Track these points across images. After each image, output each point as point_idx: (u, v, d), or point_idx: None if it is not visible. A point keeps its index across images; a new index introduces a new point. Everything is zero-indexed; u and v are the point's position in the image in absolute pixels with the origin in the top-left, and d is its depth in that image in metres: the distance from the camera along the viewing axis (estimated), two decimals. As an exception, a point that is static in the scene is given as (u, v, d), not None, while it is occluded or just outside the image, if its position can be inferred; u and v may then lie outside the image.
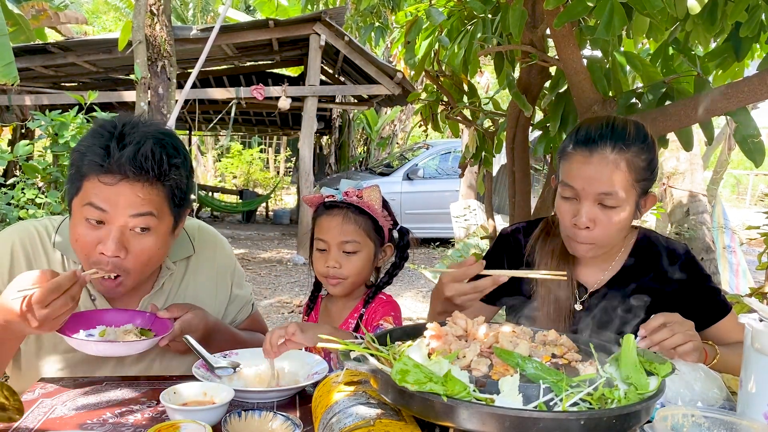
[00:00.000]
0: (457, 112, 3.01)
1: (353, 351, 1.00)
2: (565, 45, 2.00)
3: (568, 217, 1.46)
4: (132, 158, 1.28)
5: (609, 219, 1.42)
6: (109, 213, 1.30)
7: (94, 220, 1.31)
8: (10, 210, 4.22)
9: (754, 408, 1.05)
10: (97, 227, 1.31)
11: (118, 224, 1.31)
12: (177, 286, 1.59)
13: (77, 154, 1.33)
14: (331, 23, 8.62)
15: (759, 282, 5.01)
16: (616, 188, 1.39)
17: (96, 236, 1.31)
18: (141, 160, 1.29)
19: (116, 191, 1.29)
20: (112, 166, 1.28)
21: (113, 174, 1.29)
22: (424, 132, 14.36)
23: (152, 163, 1.30)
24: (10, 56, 5.88)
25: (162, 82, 6.26)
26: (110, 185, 1.29)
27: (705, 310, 1.54)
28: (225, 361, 1.41)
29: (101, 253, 1.31)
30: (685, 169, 6.37)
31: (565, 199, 1.47)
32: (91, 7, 21.29)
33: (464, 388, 0.86)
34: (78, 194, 1.33)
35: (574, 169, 1.44)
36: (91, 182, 1.30)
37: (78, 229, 1.33)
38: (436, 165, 11.08)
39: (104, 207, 1.30)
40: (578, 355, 1.03)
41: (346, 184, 1.67)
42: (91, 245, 1.32)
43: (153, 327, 1.41)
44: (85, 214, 1.31)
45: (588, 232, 1.43)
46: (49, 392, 1.29)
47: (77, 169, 1.32)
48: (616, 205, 1.41)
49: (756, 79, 1.79)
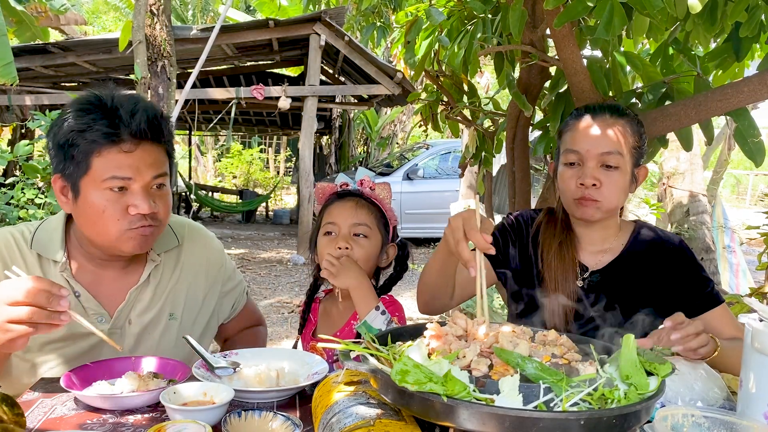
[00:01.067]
0: (457, 112, 3.01)
1: (353, 351, 1.00)
2: (565, 45, 2.00)
3: (573, 181, 1.57)
4: (148, 122, 1.37)
5: (611, 179, 1.55)
6: (134, 179, 1.37)
7: (116, 188, 1.36)
8: (10, 210, 4.22)
9: (754, 408, 1.05)
10: (120, 195, 1.37)
11: (141, 185, 1.38)
12: (167, 279, 1.60)
13: (73, 134, 1.34)
14: (331, 23, 8.63)
15: (759, 282, 5.01)
16: (617, 147, 1.54)
17: (123, 202, 1.37)
18: (155, 123, 1.38)
19: (136, 156, 1.37)
20: (125, 134, 1.34)
21: (130, 141, 1.35)
22: (424, 132, 14.38)
23: (161, 125, 1.41)
24: (10, 56, 5.88)
25: (162, 82, 6.26)
26: (130, 152, 1.36)
27: (696, 298, 1.60)
28: (225, 361, 1.41)
29: (135, 213, 1.37)
30: (685, 169, 6.37)
31: (569, 165, 1.59)
32: (91, 7, 21.29)
33: (464, 388, 0.86)
34: (88, 173, 1.36)
35: (577, 135, 1.59)
36: (104, 156, 1.34)
37: (100, 203, 1.36)
38: (436, 165, 11.08)
39: (128, 175, 1.36)
40: (578, 355, 1.03)
41: (363, 172, 1.69)
42: (121, 212, 1.37)
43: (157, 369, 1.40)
44: (107, 185, 1.36)
45: (594, 190, 1.54)
46: (49, 392, 1.29)
47: (79, 149, 1.35)
48: (617, 165, 1.54)
49: (756, 79, 1.79)
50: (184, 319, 1.62)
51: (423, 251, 9.89)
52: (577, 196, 1.57)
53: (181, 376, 1.32)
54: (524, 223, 1.77)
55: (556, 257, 1.65)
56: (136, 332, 1.55)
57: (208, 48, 4.73)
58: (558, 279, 1.63)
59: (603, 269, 1.66)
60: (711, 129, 2.04)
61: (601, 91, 2.05)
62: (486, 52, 2.44)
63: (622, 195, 1.59)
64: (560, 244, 1.66)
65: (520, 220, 1.77)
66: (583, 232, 1.69)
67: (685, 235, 6.01)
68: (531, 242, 1.73)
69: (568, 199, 1.61)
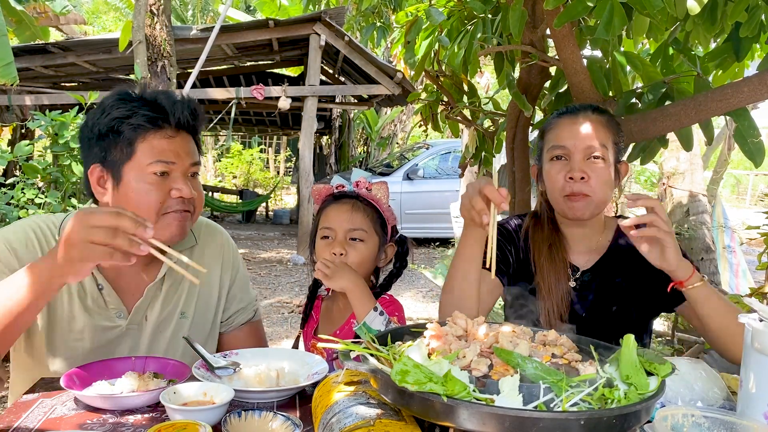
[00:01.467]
0: (457, 112, 3.01)
1: (353, 351, 1.00)
2: (565, 45, 2.00)
3: (561, 176, 1.60)
4: (189, 112, 1.47)
5: (597, 172, 1.57)
6: (176, 164, 1.45)
7: (159, 173, 1.43)
8: (10, 210, 4.22)
9: (754, 408, 1.05)
10: (163, 179, 1.44)
11: (181, 171, 1.46)
12: (181, 277, 1.60)
13: (117, 121, 1.42)
14: (331, 23, 8.62)
15: (759, 282, 5.00)
16: (602, 140, 1.58)
17: (166, 186, 1.44)
18: (193, 113, 1.49)
19: (177, 143, 1.46)
20: (168, 120, 1.44)
21: (171, 128, 1.45)
22: (424, 132, 14.36)
23: (197, 117, 1.51)
24: (10, 56, 5.88)
25: (162, 82, 6.26)
26: (171, 138, 1.45)
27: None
28: (225, 361, 1.41)
29: (177, 196, 1.44)
30: (685, 169, 6.36)
31: (556, 160, 1.62)
32: (91, 7, 21.29)
33: (464, 387, 0.86)
34: (132, 158, 1.42)
35: (562, 131, 1.62)
36: (148, 142, 1.42)
37: (143, 187, 1.42)
38: (436, 165, 11.07)
39: (172, 159, 1.44)
40: (578, 355, 1.03)
41: (358, 174, 1.70)
42: (164, 195, 1.43)
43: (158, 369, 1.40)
44: (151, 170, 1.42)
45: (583, 183, 1.57)
46: (49, 392, 1.29)
47: (123, 136, 1.42)
48: (603, 156, 1.58)
49: (756, 79, 1.79)
50: (195, 318, 1.63)
51: (423, 251, 9.89)
52: (566, 191, 1.58)
53: (181, 376, 1.32)
54: (513, 229, 1.78)
55: (547, 260, 1.66)
56: (150, 330, 1.57)
57: (208, 48, 4.73)
58: (551, 281, 1.64)
59: (592, 268, 1.68)
60: (711, 129, 2.04)
61: (601, 91, 2.05)
62: (486, 52, 2.44)
63: (608, 188, 1.61)
64: (550, 247, 1.68)
65: (509, 227, 1.78)
66: (571, 233, 1.70)
67: (685, 235, 6.00)
68: (522, 248, 1.74)
69: (556, 196, 1.62)
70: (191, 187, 1.47)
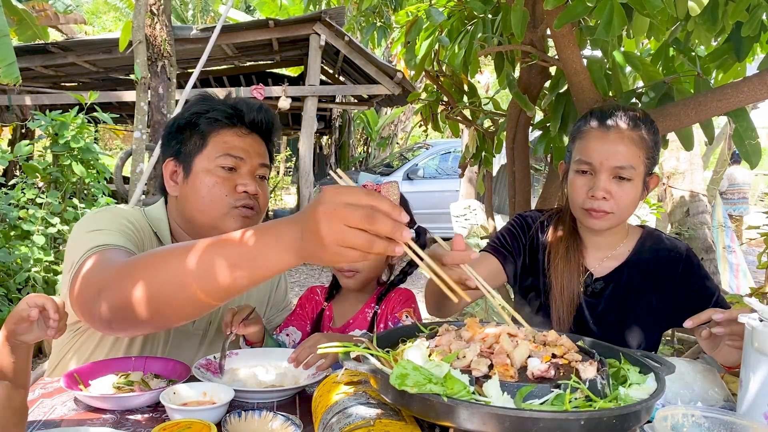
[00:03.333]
0: (457, 112, 3.01)
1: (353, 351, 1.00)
2: (565, 45, 1.99)
3: (583, 190, 1.55)
4: (264, 117, 1.55)
5: (623, 191, 1.53)
6: (245, 160, 1.50)
7: (228, 167, 1.48)
8: (10, 210, 4.22)
9: (754, 408, 1.05)
10: (229, 174, 1.49)
11: (249, 168, 1.51)
12: None
13: (195, 116, 1.51)
14: (331, 23, 8.62)
15: (759, 282, 5.01)
16: (631, 162, 1.51)
17: (232, 180, 1.48)
18: (268, 119, 1.56)
19: (248, 142, 1.52)
20: (243, 120, 1.51)
21: (245, 128, 1.53)
22: (424, 132, 14.36)
23: (271, 122, 1.58)
24: (12, 56, 5.87)
25: (162, 82, 6.26)
26: (243, 136, 1.52)
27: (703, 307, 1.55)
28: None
29: (243, 191, 1.48)
30: (685, 169, 6.36)
31: (581, 174, 1.57)
32: (91, 7, 21.28)
33: (464, 387, 0.86)
34: (203, 150, 1.49)
35: (591, 145, 1.55)
36: (221, 136, 1.50)
37: (210, 179, 1.47)
38: (436, 165, 11.06)
39: (241, 155, 1.50)
40: (578, 355, 1.03)
41: (365, 177, 1.69)
42: (230, 189, 1.48)
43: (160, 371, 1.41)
44: (219, 163, 1.48)
45: (604, 202, 1.52)
46: (49, 392, 1.29)
47: (199, 128, 1.50)
48: (630, 178, 1.52)
49: (756, 79, 1.79)
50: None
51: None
52: (587, 206, 1.55)
53: (181, 376, 1.32)
54: (533, 223, 1.76)
55: (562, 260, 1.64)
56: (212, 335, 1.61)
57: (209, 48, 4.72)
58: (564, 282, 1.62)
59: (607, 276, 1.64)
60: (711, 129, 2.04)
61: (601, 91, 2.05)
62: (486, 52, 2.44)
63: (632, 207, 1.56)
64: (567, 248, 1.65)
65: (529, 221, 1.76)
66: (590, 237, 1.68)
67: (686, 235, 6.00)
68: (539, 243, 1.72)
69: (576, 206, 1.59)
70: (257, 185, 1.51)
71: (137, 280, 1.00)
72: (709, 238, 5.93)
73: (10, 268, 4.09)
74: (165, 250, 1.04)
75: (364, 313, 1.69)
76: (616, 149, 1.51)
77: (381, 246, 0.84)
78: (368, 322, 1.67)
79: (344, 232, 0.83)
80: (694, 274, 1.61)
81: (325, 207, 0.84)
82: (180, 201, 1.52)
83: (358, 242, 0.83)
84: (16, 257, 4.06)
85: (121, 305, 1.02)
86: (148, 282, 0.99)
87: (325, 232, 0.83)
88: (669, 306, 1.60)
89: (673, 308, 1.59)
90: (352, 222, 0.83)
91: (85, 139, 4.50)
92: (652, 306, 1.61)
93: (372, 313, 1.67)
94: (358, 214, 0.82)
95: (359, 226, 0.83)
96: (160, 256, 1.03)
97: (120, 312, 1.03)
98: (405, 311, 1.64)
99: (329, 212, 0.83)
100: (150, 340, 1.52)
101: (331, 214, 0.83)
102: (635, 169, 1.52)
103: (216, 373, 1.39)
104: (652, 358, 1.05)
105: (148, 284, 0.99)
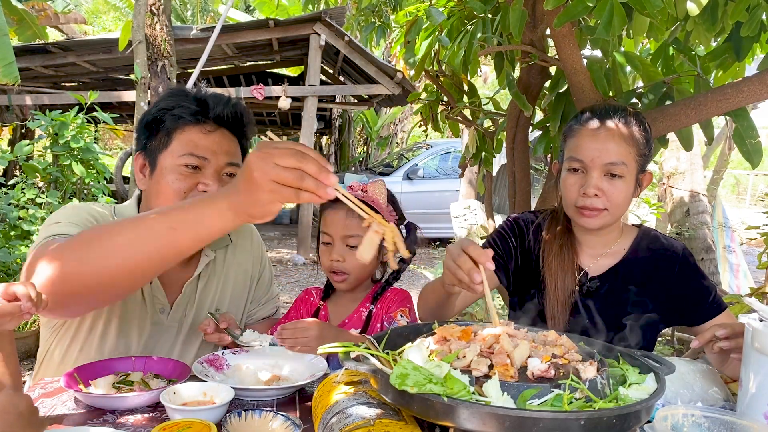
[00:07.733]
0: (457, 112, 3.00)
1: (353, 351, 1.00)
2: (565, 45, 1.99)
3: (575, 188, 1.56)
4: (231, 111, 1.49)
5: (615, 188, 1.53)
6: (209, 160, 1.46)
7: (191, 166, 1.45)
8: (10, 210, 4.22)
9: (754, 408, 1.05)
10: (192, 173, 1.45)
11: (214, 168, 1.47)
12: (216, 276, 1.64)
13: (161, 112, 1.47)
14: (331, 23, 8.61)
15: (759, 282, 5.01)
16: (622, 158, 1.52)
17: (195, 178, 1.45)
18: (237, 114, 1.51)
19: (214, 139, 1.47)
20: (208, 116, 1.47)
21: (211, 124, 1.47)
22: (424, 132, 14.37)
23: (241, 118, 1.52)
24: (11, 56, 5.87)
25: (162, 82, 6.25)
26: (209, 133, 1.47)
27: (699, 308, 1.59)
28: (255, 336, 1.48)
29: (203, 190, 1.44)
30: (685, 169, 6.36)
31: (573, 172, 1.57)
32: (91, 7, 21.27)
33: (464, 387, 0.86)
34: (168, 147, 1.46)
35: (582, 143, 1.55)
36: (185, 133, 1.46)
37: (173, 176, 1.44)
38: (436, 165, 11.07)
39: (205, 155, 1.46)
40: (578, 355, 1.03)
41: (351, 178, 1.68)
42: (190, 188, 1.44)
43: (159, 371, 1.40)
44: (183, 161, 1.45)
45: (596, 200, 1.53)
46: (49, 392, 1.29)
47: (164, 125, 1.47)
48: (621, 175, 1.52)
49: (756, 79, 1.79)
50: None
51: (423, 251, 9.88)
52: (579, 204, 1.55)
53: (181, 376, 1.32)
54: (525, 225, 1.76)
55: (556, 258, 1.64)
56: (187, 329, 1.59)
57: (209, 48, 4.73)
58: (558, 281, 1.62)
59: (602, 275, 1.64)
60: (711, 129, 2.04)
61: (601, 91, 2.05)
62: (486, 52, 2.44)
63: (624, 204, 1.57)
64: (561, 247, 1.65)
65: (521, 223, 1.77)
66: (584, 236, 1.68)
67: (686, 235, 6.00)
68: (532, 244, 1.72)
69: (569, 205, 1.60)
70: (222, 185, 1.45)
71: (84, 249, 1.08)
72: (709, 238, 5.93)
73: (10, 268, 4.09)
74: (113, 222, 1.13)
75: (359, 312, 1.69)
76: (606, 147, 1.52)
77: (311, 183, 0.93)
78: (363, 322, 1.67)
79: (276, 169, 0.92)
80: (690, 274, 1.61)
81: (257, 152, 0.95)
82: (147, 195, 1.53)
83: (289, 178, 0.92)
84: (16, 257, 4.06)
85: (68, 277, 1.07)
86: (95, 251, 1.07)
87: (257, 173, 0.93)
88: (665, 305, 1.60)
89: (669, 307, 1.60)
90: (282, 161, 0.92)
91: (85, 139, 4.51)
92: (648, 305, 1.61)
93: (367, 313, 1.67)
94: (288, 153, 0.93)
95: (289, 165, 0.92)
96: (108, 227, 1.12)
97: (67, 284, 1.08)
98: (400, 311, 1.64)
99: (261, 154, 0.94)
100: (125, 331, 1.51)
101: (263, 155, 0.93)
102: (626, 165, 1.52)
103: (220, 369, 1.40)
104: (652, 358, 1.05)
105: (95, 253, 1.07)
